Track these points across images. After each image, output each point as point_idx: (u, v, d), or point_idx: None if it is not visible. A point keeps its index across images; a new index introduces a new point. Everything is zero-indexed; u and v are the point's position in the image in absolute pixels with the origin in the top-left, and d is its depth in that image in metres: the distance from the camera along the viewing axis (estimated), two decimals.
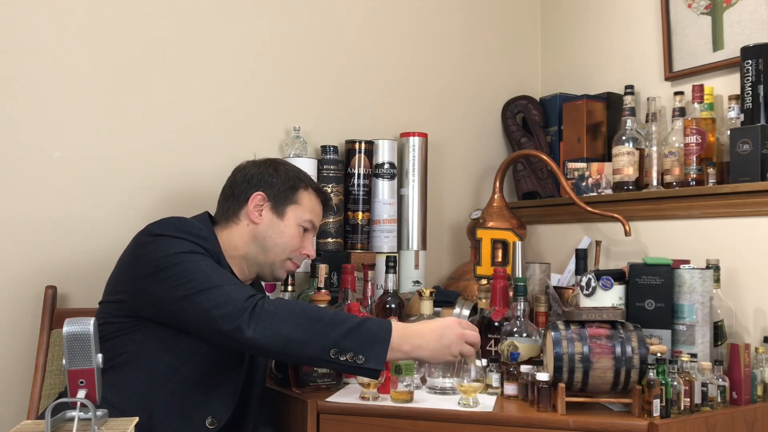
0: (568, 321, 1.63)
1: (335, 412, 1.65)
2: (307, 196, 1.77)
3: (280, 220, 1.73)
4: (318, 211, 1.80)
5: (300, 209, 1.75)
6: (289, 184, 1.75)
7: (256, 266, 1.74)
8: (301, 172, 1.80)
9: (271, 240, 1.72)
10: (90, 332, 1.15)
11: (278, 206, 1.73)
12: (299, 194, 1.75)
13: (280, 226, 1.73)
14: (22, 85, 1.91)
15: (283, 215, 1.73)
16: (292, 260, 1.76)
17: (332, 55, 2.40)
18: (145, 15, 2.08)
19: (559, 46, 2.76)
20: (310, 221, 1.76)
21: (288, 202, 1.74)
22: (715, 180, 2.03)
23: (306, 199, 1.77)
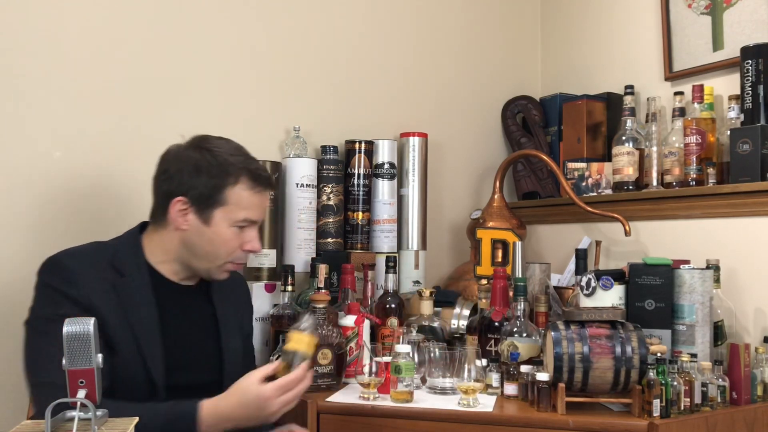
0: (568, 321, 1.63)
1: (335, 412, 1.65)
2: (237, 191, 1.53)
3: (207, 227, 1.53)
4: (255, 202, 1.56)
5: (229, 209, 1.53)
6: (212, 184, 1.52)
7: (191, 270, 1.59)
8: (227, 162, 1.53)
9: (201, 248, 1.55)
10: (90, 332, 1.15)
11: (203, 211, 1.52)
12: (226, 193, 1.52)
13: (208, 233, 1.53)
14: (20, 85, 1.91)
15: (210, 221, 1.53)
16: (233, 262, 1.59)
17: (332, 55, 2.40)
18: (145, 15, 2.08)
19: (559, 46, 2.76)
20: (245, 219, 1.55)
21: (214, 204, 1.52)
22: (715, 180, 2.03)
23: (236, 196, 1.53)
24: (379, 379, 1.70)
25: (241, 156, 1.56)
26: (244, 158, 1.56)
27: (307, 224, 2.18)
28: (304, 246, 2.17)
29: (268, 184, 1.60)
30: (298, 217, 2.17)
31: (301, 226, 2.17)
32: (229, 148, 1.56)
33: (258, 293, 2.05)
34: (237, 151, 1.57)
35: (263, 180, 1.57)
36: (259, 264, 2.11)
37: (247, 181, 1.54)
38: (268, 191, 1.62)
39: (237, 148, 1.58)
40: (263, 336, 2.03)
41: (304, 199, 2.18)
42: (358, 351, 1.82)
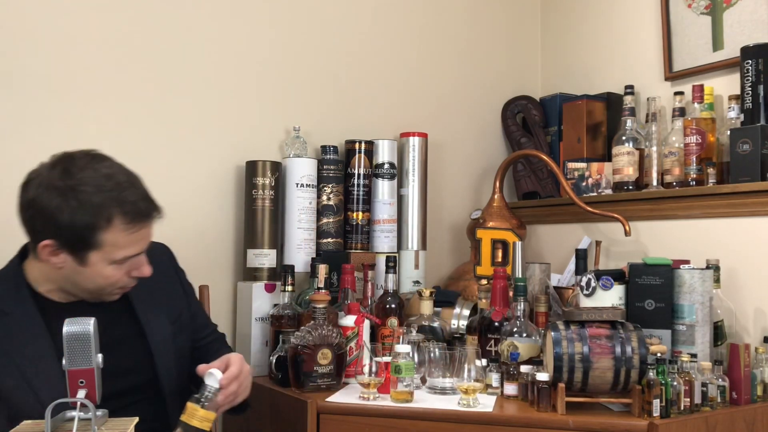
0: (568, 321, 1.63)
1: (335, 412, 1.65)
2: (112, 234, 1.36)
3: (84, 267, 1.38)
4: (133, 240, 1.40)
5: (106, 251, 1.37)
6: (80, 230, 1.34)
7: (78, 296, 1.47)
8: (94, 203, 1.34)
9: (83, 284, 1.42)
10: (90, 332, 1.15)
11: (76, 253, 1.37)
12: (98, 237, 1.35)
13: (86, 273, 1.39)
14: (20, 85, 1.91)
15: (86, 262, 1.38)
16: (122, 288, 1.47)
17: (332, 55, 2.40)
18: (145, 16, 2.08)
19: (559, 46, 2.76)
20: (124, 258, 1.40)
21: (87, 248, 1.36)
22: (715, 180, 2.02)
23: (110, 239, 1.36)
24: (379, 379, 1.70)
25: (111, 190, 1.36)
26: (116, 192, 1.37)
27: (307, 224, 2.18)
28: (304, 246, 2.17)
29: (147, 216, 1.42)
30: (298, 217, 2.17)
31: (301, 226, 2.17)
32: (96, 181, 1.36)
33: (258, 293, 2.05)
34: (106, 182, 1.37)
35: (141, 215, 1.40)
36: (259, 264, 2.12)
37: (122, 222, 1.37)
38: (148, 223, 1.43)
39: (107, 177, 1.37)
40: (263, 336, 2.03)
41: (304, 199, 2.18)
42: (358, 351, 1.82)
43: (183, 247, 2.04)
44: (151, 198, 1.46)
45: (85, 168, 1.37)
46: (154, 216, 1.45)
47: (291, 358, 1.77)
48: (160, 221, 2.03)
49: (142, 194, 1.43)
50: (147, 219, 1.42)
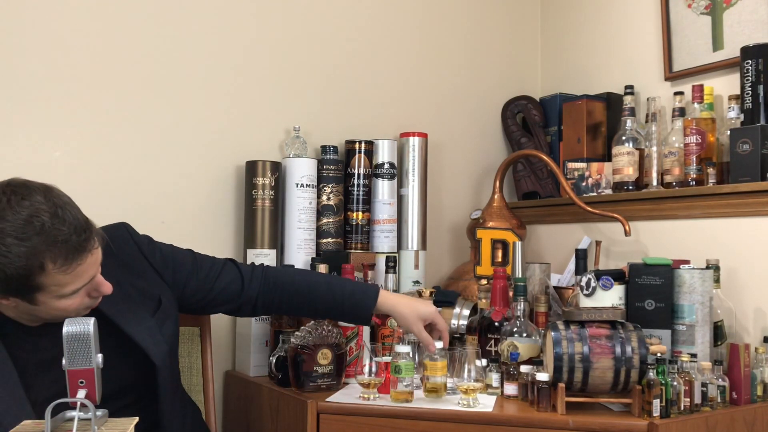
0: (568, 321, 1.63)
1: (335, 412, 1.65)
2: (50, 276, 1.27)
3: (36, 306, 1.32)
4: (76, 274, 1.30)
5: (51, 290, 1.30)
6: (15, 277, 1.26)
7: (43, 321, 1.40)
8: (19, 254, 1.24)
9: (41, 316, 1.37)
10: (90, 332, 1.15)
11: (23, 296, 1.30)
12: (38, 281, 1.27)
13: (42, 309, 1.34)
14: (20, 85, 1.91)
15: (36, 302, 1.31)
16: (87, 308, 1.41)
17: (332, 55, 2.40)
18: (145, 16, 2.08)
19: (559, 46, 2.76)
20: (73, 291, 1.32)
21: (31, 291, 1.29)
22: (715, 180, 2.03)
23: (50, 281, 1.28)
24: (379, 379, 1.70)
25: (36, 235, 1.24)
26: (42, 236, 1.25)
27: (307, 224, 2.18)
28: (304, 246, 2.17)
29: (82, 251, 1.29)
30: (298, 217, 2.17)
31: (301, 226, 2.17)
32: (18, 229, 1.24)
33: None
34: (27, 227, 1.25)
35: (74, 253, 1.28)
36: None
37: (55, 265, 1.27)
38: (85, 255, 1.31)
39: (27, 222, 1.25)
40: (263, 336, 2.03)
41: (304, 199, 2.18)
42: (358, 351, 1.82)
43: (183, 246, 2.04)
44: (84, 226, 1.31)
45: (4, 215, 1.25)
46: (89, 247, 1.32)
47: (291, 358, 1.77)
48: (159, 222, 2.07)
49: (72, 228, 1.28)
50: (83, 254, 1.30)
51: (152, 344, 1.49)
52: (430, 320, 1.72)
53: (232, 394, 2.09)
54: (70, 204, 1.32)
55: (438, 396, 1.66)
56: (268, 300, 1.71)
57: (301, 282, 1.74)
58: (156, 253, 1.62)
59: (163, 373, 1.51)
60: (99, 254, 1.37)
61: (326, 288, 1.74)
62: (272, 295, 1.70)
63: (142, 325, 1.49)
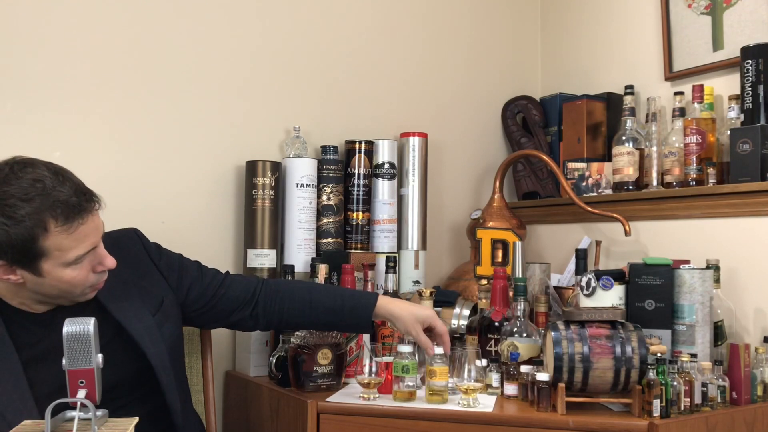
0: (568, 321, 1.63)
1: (335, 412, 1.65)
2: (53, 238, 1.31)
3: (41, 278, 1.35)
4: (79, 236, 1.34)
5: (55, 257, 1.33)
6: (19, 241, 1.29)
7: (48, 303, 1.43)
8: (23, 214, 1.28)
9: (48, 292, 1.39)
10: (90, 332, 1.15)
11: (28, 266, 1.33)
12: (42, 245, 1.31)
13: (47, 282, 1.36)
14: (20, 85, 1.91)
15: (41, 272, 1.34)
16: (92, 286, 1.44)
17: (332, 55, 2.40)
18: (145, 16, 2.08)
19: (559, 47, 2.76)
20: (77, 258, 1.35)
21: (35, 259, 1.32)
22: (715, 180, 2.03)
23: (53, 244, 1.31)
24: (379, 379, 1.70)
25: (38, 196, 1.30)
26: (43, 196, 1.30)
27: (307, 224, 2.18)
28: (304, 246, 2.17)
29: (82, 211, 1.34)
30: (298, 217, 2.17)
31: (301, 226, 2.17)
32: (21, 192, 1.29)
33: None
34: (31, 189, 1.30)
35: (75, 211, 1.32)
36: (259, 264, 2.12)
37: (57, 225, 1.31)
38: (86, 216, 1.35)
39: (31, 184, 1.30)
40: (263, 336, 2.03)
41: (304, 199, 2.18)
42: (358, 351, 1.82)
43: (183, 247, 2.04)
44: (85, 189, 1.37)
45: (8, 180, 1.31)
46: (90, 208, 1.36)
47: (291, 358, 1.77)
48: (160, 222, 2.07)
49: (72, 190, 1.34)
50: (83, 213, 1.34)
51: (150, 343, 1.50)
52: (428, 323, 1.71)
53: (232, 394, 2.09)
54: (71, 173, 1.39)
55: (441, 401, 1.65)
56: (271, 310, 1.70)
57: (301, 288, 1.75)
58: (162, 257, 1.66)
59: (163, 372, 1.51)
60: (100, 220, 1.41)
61: (326, 293, 1.74)
62: (274, 303, 1.70)
63: (141, 323, 1.51)
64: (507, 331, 1.80)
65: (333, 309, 1.71)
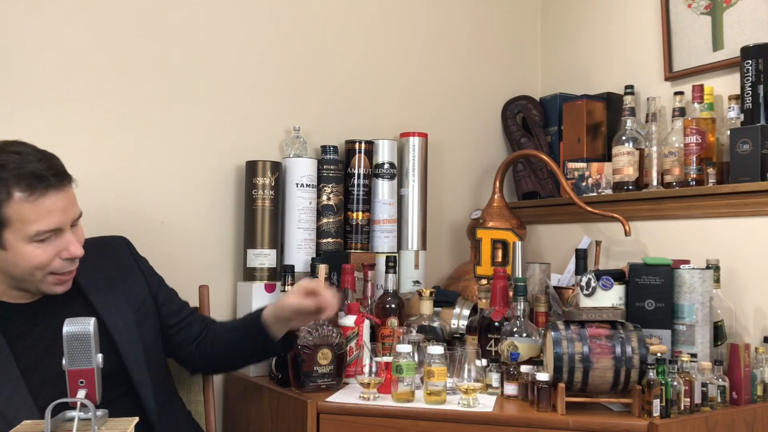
0: (568, 321, 1.63)
1: (335, 412, 1.65)
2: (14, 207, 1.32)
3: (5, 251, 1.36)
4: (41, 210, 1.34)
5: (17, 228, 1.34)
6: None
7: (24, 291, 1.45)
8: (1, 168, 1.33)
9: (12, 272, 1.39)
10: (90, 332, 1.15)
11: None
12: (4, 213, 1.32)
13: (9, 257, 1.36)
14: (19, 86, 1.91)
15: (4, 244, 1.35)
16: (55, 273, 1.41)
17: (333, 55, 2.40)
18: (146, 16, 2.08)
19: (559, 47, 2.76)
20: (37, 233, 1.35)
21: None
22: (715, 180, 2.03)
23: (15, 213, 1.32)
24: (379, 379, 1.70)
25: (11, 166, 1.33)
26: (15, 166, 1.33)
27: (307, 224, 2.18)
28: (304, 246, 2.17)
29: (44, 182, 1.34)
30: (298, 217, 2.17)
31: (301, 226, 2.17)
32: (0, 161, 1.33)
33: (258, 293, 2.05)
34: (8, 157, 1.34)
35: (37, 181, 1.33)
36: (259, 264, 2.12)
37: (20, 192, 1.32)
38: (53, 191, 1.36)
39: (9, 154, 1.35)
40: None
41: (304, 199, 2.18)
42: (358, 351, 1.82)
43: (183, 247, 2.05)
44: (58, 168, 1.38)
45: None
46: (56, 184, 1.36)
47: (291, 358, 1.77)
48: (160, 222, 2.07)
49: (45, 165, 1.36)
50: (48, 187, 1.34)
51: (126, 340, 1.52)
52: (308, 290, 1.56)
53: (232, 394, 2.09)
54: (57, 158, 1.41)
55: (440, 401, 1.65)
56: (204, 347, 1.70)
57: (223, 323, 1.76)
58: (148, 270, 1.69)
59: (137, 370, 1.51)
60: (70, 203, 1.40)
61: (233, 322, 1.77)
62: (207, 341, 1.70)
63: (122, 320, 1.53)
64: (507, 331, 1.80)
65: (235, 326, 1.72)
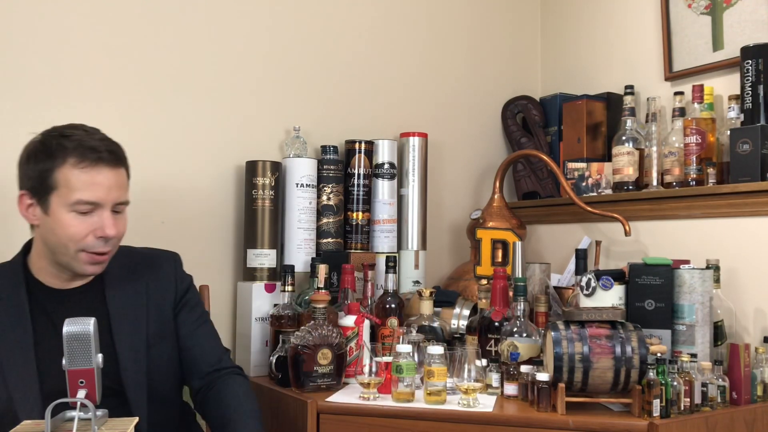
0: (568, 321, 1.63)
1: (335, 412, 1.65)
2: (64, 172, 1.40)
3: (48, 216, 1.43)
4: (85, 180, 1.41)
5: (61, 193, 1.41)
6: (39, 169, 1.42)
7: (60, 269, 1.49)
8: (53, 143, 1.42)
9: (50, 241, 1.45)
10: (90, 332, 1.15)
11: (42, 200, 1.43)
12: (55, 176, 1.41)
13: (50, 223, 1.43)
14: (20, 85, 1.91)
15: (49, 209, 1.42)
16: (87, 251, 1.45)
17: (332, 55, 2.40)
18: (146, 15, 2.08)
19: (559, 47, 2.76)
20: (78, 201, 1.41)
21: (47, 191, 1.42)
22: (715, 180, 2.03)
23: (63, 178, 1.41)
24: (379, 379, 1.70)
25: (73, 137, 1.43)
26: (77, 138, 1.43)
27: (307, 224, 2.18)
28: (304, 246, 2.17)
29: (98, 159, 1.42)
30: (298, 217, 2.17)
31: (301, 226, 2.17)
32: (64, 133, 1.44)
33: (258, 293, 2.05)
34: (73, 132, 1.44)
35: (91, 153, 1.42)
36: (259, 264, 2.12)
37: (73, 159, 1.41)
38: (104, 166, 1.43)
39: (74, 129, 1.45)
40: (263, 336, 2.03)
41: (304, 199, 2.18)
42: (358, 351, 1.82)
43: (183, 247, 2.04)
44: (113, 149, 1.47)
45: (48, 134, 1.46)
46: (108, 160, 1.44)
47: (291, 358, 1.77)
48: (160, 222, 2.07)
49: (105, 144, 1.46)
50: (99, 161, 1.43)
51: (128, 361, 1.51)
52: None
53: None
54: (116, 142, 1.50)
55: (439, 401, 1.65)
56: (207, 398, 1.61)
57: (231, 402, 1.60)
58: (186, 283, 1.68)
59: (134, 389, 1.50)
60: (118, 185, 1.47)
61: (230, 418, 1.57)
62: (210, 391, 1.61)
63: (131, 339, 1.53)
64: (507, 331, 1.80)
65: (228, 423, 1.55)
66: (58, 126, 1.48)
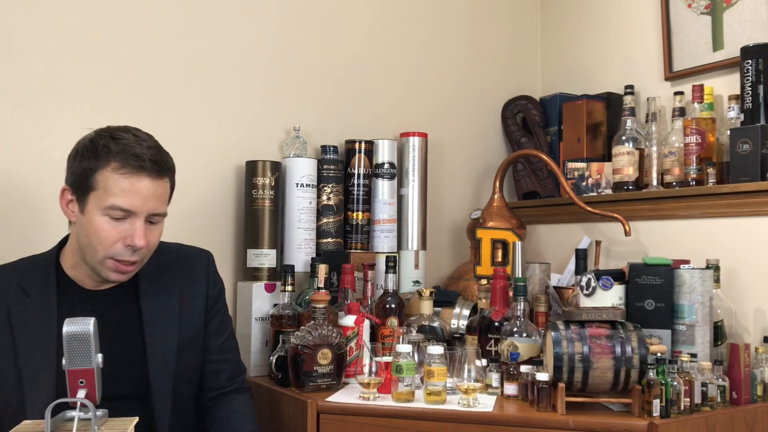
0: (568, 321, 1.63)
1: (335, 412, 1.65)
2: (105, 174, 1.40)
3: (83, 216, 1.43)
4: (124, 187, 1.40)
5: (99, 195, 1.40)
6: (83, 167, 1.42)
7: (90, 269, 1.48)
8: (101, 145, 1.42)
9: (82, 240, 1.45)
10: (90, 332, 1.15)
11: (80, 198, 1.43)
12: (96, 177, 1.40)
13: (84, 223, 1.43)
14: (20, 85, 1.91)
15: (85, 208, 1.42)
16: (114, 258, 1.43)
17: (333, 55, 2.40)
18: (146, 15, 2.08)
19: (559, 47, 2.76)
20: (112, 206, 1.40)
21: (87, 190, 1.41)
22: (715, 180, 2.03)
23: (103, 180, 1.40)
24: (379, 379, 1.70)
25: (122, 141, 1.42)
26: (124, 142, 1.42)
27: (307, 224, 2.18)
28: (304, 246, 2.17)
29: (140, 167, 1.41)
30: (298, 217, 2.17)
31: (301, 226, 2.17)
32: (114, 135, 1.43)
33: (258, 293, 2.05)
34: (123, 136, 1.44)
35: (133, 161, 1.40)
36: (259, 264, 2.12)
37: (116, 163, 1.40)
38: (144, 175, 1.42)
39: (125, 132, 1.45)
40: (263, 336, 2.03)
41: (304, 199, 2.18)
42: (358, 351, 1.82)
43: None
44: (158, 159, 1.45)
45: (100, 133, 1.46)
46: (150, 169, 1.43)
47: (291, 358, 1.77)
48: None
49: (151, 153, 1.43)
50: (141, 169, 1.41)
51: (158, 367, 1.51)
52: None
53: None
54: (163, 149, 1.48)
55: (439, 401, 1.65)
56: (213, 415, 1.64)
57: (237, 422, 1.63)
58: (218, 287, 1.69)
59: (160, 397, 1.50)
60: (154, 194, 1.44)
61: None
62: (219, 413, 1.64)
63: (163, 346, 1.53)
64: (507, 331, 1.80)
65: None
66: (111, 126, 1.48)
